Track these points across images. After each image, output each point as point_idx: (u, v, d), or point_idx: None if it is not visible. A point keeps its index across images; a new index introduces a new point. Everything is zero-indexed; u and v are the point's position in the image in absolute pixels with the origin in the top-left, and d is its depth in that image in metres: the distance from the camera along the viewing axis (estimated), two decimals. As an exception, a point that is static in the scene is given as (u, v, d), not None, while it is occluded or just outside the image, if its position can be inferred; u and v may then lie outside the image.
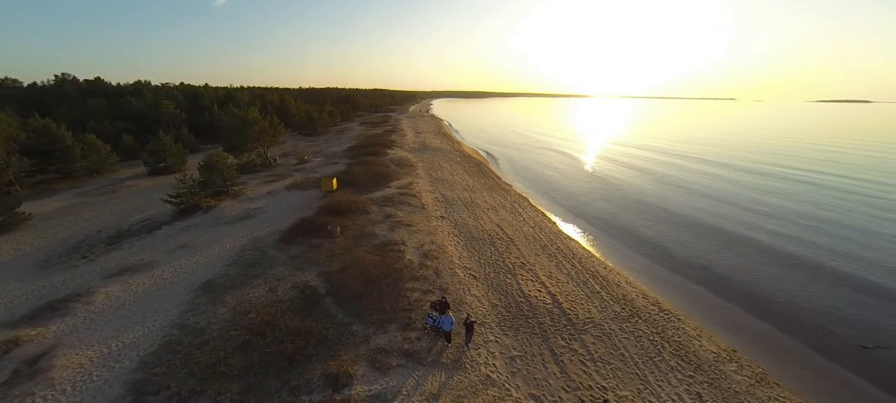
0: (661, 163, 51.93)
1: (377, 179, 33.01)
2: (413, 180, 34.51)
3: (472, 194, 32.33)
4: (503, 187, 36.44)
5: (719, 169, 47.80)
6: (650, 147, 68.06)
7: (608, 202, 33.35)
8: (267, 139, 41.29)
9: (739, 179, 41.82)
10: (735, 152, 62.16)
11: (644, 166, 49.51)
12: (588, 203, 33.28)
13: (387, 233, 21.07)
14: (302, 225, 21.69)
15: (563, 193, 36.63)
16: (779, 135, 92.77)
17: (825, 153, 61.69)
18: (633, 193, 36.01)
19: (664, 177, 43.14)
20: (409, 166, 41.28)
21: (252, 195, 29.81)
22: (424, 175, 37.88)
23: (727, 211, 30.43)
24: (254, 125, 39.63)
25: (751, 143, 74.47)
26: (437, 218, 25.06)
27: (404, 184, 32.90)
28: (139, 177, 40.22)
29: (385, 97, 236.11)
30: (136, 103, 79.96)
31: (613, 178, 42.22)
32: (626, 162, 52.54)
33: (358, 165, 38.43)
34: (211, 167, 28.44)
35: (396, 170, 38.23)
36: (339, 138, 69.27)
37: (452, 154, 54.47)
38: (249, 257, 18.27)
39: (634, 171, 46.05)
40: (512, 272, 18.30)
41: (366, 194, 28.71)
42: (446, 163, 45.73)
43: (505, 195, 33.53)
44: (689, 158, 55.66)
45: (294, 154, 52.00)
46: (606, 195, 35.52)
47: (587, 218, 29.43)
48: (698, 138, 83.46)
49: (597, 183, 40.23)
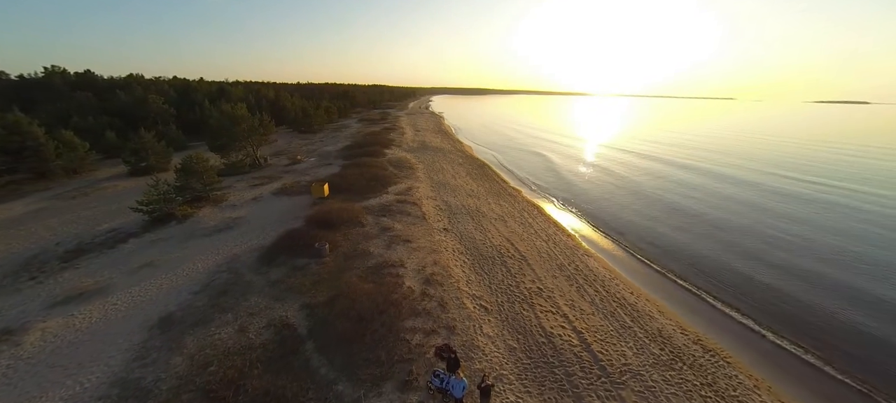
0: (672, 164, 49.42)
1: (374, 184, 30.35)
2: (412, 185, 31.86)
3: (477, 201, 29.72)
4: (510, 193, 33.85)
5: (752, 174, 45.32)
6: (659, 147, 65.53)
7: (621, 208, 30.80)
8: (256, 138, 38.52)
9: (775, 186, 39.35)
10: (761, 154, 59.80)
11: (654, 168, 46.98)
12: (600, 209, 30.72)
13: (383, 252, 18.45)
14: (286, 241, 19.05)
15: (575, 198, 34.07)
16: (795, 140, 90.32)
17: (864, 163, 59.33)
18: (647, 199, 33.45)
19: (677, 180, 40.62)
20: (408, 168, 38.61)
21: (235, 201, 27.08)
22: (425, 178, 35.23)
23: (759, 222, 27.90)
24: (242, 123, 36.84)
25: (770, 145, 72.12)
26: (439, 230, 22.44)
27: (403, 189, 30.25)
28: (119, 178, 37.46)
29: (384, 93, 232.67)
30: (124, 97, 76.72)
31: (625, 182, 39.67)
32: (635, 164, 49.99)
33: (353, 167, 35.73)
34: (189, 170, 25.72)
35: (395, 173, 35.56)
36: (335, 136, 66.47)
37: (454, 154, 51.82)
38: (222, 282, 15.63)
39: (646, 175, 43.50)
40: (528, 301, 15.72)
41: (361, 201, 26.05)
42: (448, 165, 43.08)
43: (512, 202, 30.95)
44: (707, 160, 53.17)
45: (287, 153, 49.24)
46: (619, 201, 32.96)
47: (600, 227, 26.89)
48: (714, 139, 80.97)
49: (609, 187, 37.66)
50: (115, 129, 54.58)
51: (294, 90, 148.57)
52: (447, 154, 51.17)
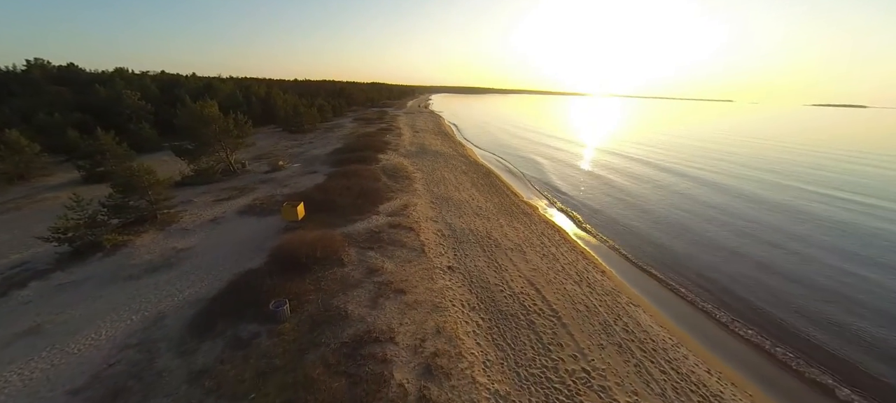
0: (688, 177, 44.47)
1: (362, 200, 25.21)
2: (409, 200, 26.75)
3: (487, 223, 24.66)
4: (523, 210, 28.80)
5: (775, 190, 40.45)
6: (667, 154, 60.57)
7: (648, 229, 25.82)
8: (229, 141, 33.27)
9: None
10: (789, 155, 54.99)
11: (669, 181, 41.99)
12: (623, 228, 25.74)
13: (366, 312, 13.33)
14: (235, 292, 13.94)
15: (592, 214, 29.11)
16: (820, 149, 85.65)
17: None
18: (670, 219, 28.42)
19: (694, 196, 35.66)
20: (404, 178, 33.49)
21: (189, 223, 21.85)
22: (424, 192, 30.12)
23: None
24: (212, 124, 31.59)
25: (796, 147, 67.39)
26: (443, 270, 17.36)
27: (398, 207, 25.13)
28: (71, 185, 32.22)
29: (382, 91, 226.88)
30: (103, 93, 70.91)
31: (641, 196, 34.61)
32: (648, 175, 44.96)
33: (340, 177, 30.57)
34: (128, 184, 20.52)
35: (388, 185, 30.44)
36: (326, 137, 61.20)
37: (456, 159, 46.74)
38: (121, 371, 10.48)
39: (661, 188, 38.35)
40: (574, 400, 10.71)
41: (344, 226, 20.91)
42: (450, 174, 37.99)
43: (528, 222, 25.92)
44: (718, 170, 48.28)
45: (270, 156, 44.00)
46: (640, 219, 27.95)
47: (629, 253, 21.96)
48: (718, 144, 76.14)
49: (625, 201, 32.62)
50: (86, 127, 49.56)
51: (289, 87, 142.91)
52: (448, 159, 46.08)
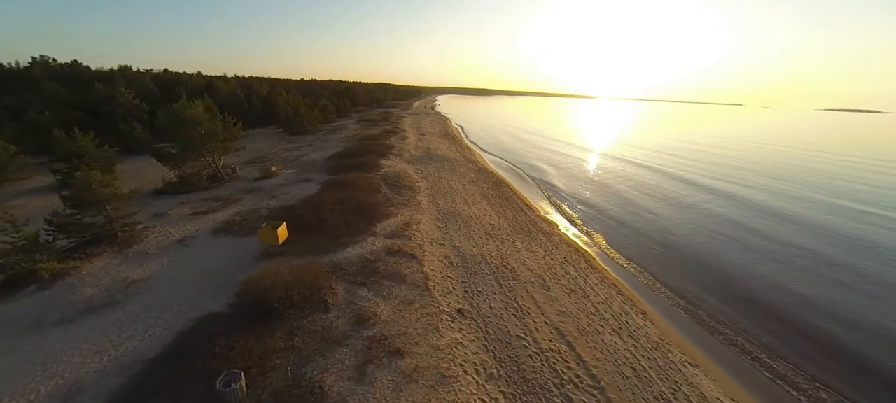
0: (710, 189, 40.59)
1: (358, 218, 21.87)
2: (412, 217, 23.38)
3: (502, 245, 21.21)
4: (541, 228, 25.29)
5: (808, 207, 36.51)
6: (687, 163, 56.56)
7: (683, 250, 22.20)
8: (216, 145, 30.17)
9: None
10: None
11: (691, 195, 38.15)
12: (657, 253, 22.13)
13: (349, 391, 9.91)
14: (178, 357, 10.65)
15: (620, 233, 25.57)
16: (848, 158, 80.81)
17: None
18: (708, 240, 24.79)
19: (718, 213, 31.88)
20: (407, 188, 30.15)
21: (152, 244, 18.65)
22: (429, 205, 26.73)
23: None
24: (196, 127, 28.52)
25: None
26: (451, 315, 13.95)
27: (399, 225, 21.77)
28: (46, 191, 29.53)
29: (389, 92, 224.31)
30: (102, 91, 68.45)
31: (675, 214, 30.98)
32: (668, 189, 41.11)
33: (336, 188, 27.30)
34: (80, 198, 17.39)
35: (389, 197, 27.10)
36: (327, 139, 58.13)
37: (464, 166, 43.35)
38: None
39: (684, 204, 34.50)
40: None
41: (333, 252, 17.58)
42: (458, 182, 34.59)
43: (547, 244, 22.43)
44: (742, 182, 44.34)
45: (264, 161, 40.97)
46: (676, 240, 24.32)
47: (671, 288, 18.37)
48: (739, 153, 71.84)
49: (655, 216, 28.98)
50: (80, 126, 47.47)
51: (294, 87, 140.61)
52: (456, 165, 42.70)
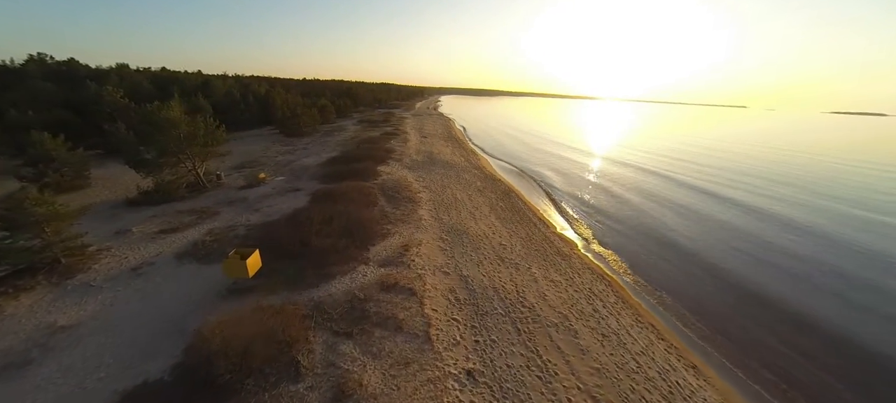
0: (734, 202, 37.36)
1: (348, 238, 18.80)
2: (412, 237, 20.30)
3: (516, 273, 18.11)
4: (558, 248, 22.12)
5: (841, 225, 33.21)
6: (702, 171, 53.27)
7: (718, 280, 19.03)
8: (195, 150, 27.17)
9: None
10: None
11: (714, 209, 34.97)
12: (689, 283, 18.97)
13: None
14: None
15: (643, 247, 22.45)
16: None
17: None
18: (742, 266, 21.57)
19: (741, 228, 28.67)
20: (407, 200, 27.08)
21: (100, 274, 15.59)
22: (431, 222, 23.62)
23: None
24: (172, 130, 25.54)
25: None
26: (459, 379, 10.86)
27: (396, 249, 18.69)
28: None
29: (391, 92, 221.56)
30: (93, 89, 65.60)
31: (699, 233, 27.76)
32: (699, 198, 37.90)
33: (326, 200, 24.25)
34: (10, 219, 14.40)
35: (387, 211, 24.03)
36: (324, 142, 55.16)
37: (469, 172, 40.26)
38: None
39: (720, 222, 31.43)
40: None
41: (315, 287, 14.51)
42: (463, 193, 31.50)
43: (567, 270, 19.30)
44: (767, 193, 41.05)
45: (254, 166, 38.02)
46: (708, 266, 21.13)
47: (719, 335, 15.14)
48: (753, 159, 68.43)
49: (677, 233, 25.74)
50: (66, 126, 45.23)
51: (295, 86, 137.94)
52: (460, 172, 39.61)
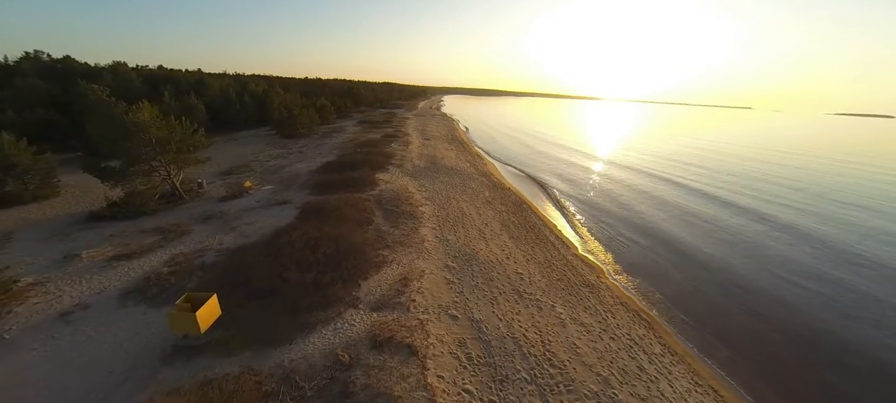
0: (763, 217, 33.99)
1: (335, 270, 15.59)
2: (412, 266, 17.10)
3: (538, 314, 14.89)
4: (584, 277, 18.84)
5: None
6: (735, 177, 49.82)
7: (775, 323, 15.75)
8: (168, 157, 24.06)
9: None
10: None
11: (758, 229, 31.62)
12: (754, 318, 15.69)
13: None
14: None
15: (676, 270, 19.19)
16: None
17: None
18: (800, 303, 18.24)
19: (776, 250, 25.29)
20: (408, 216, 23.87)
21: (17, 321, 12.40)
22: (435, 245, 20.38)
23: None
24: (140, 134, 22.44)
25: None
26: None
27: (392, 283, 15.49)
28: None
29: (393, 91, 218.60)
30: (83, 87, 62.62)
31: (736, 258, 24.42)
32: (727, 213, 34.51)
33: (314, 217, 21.10)
34: None
35: (383, 231, 20.83)
36: (321, 144, 52.06)
37: (476, 180, 37.03)
38: None
39: (755, 243, 28.05)
40: None
41: (287, 344, 11.28)
42: (470, 205, 28.27)
43: (597, 306, 16.08)
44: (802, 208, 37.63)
45: (243, 171, 34.96)
46: (757, 302, 17.85)
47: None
48: (772, 165, 64.82)
49: (709, 256, 22.45)
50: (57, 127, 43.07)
51: (296, 85, 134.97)
52: (466, 180, 36.40)
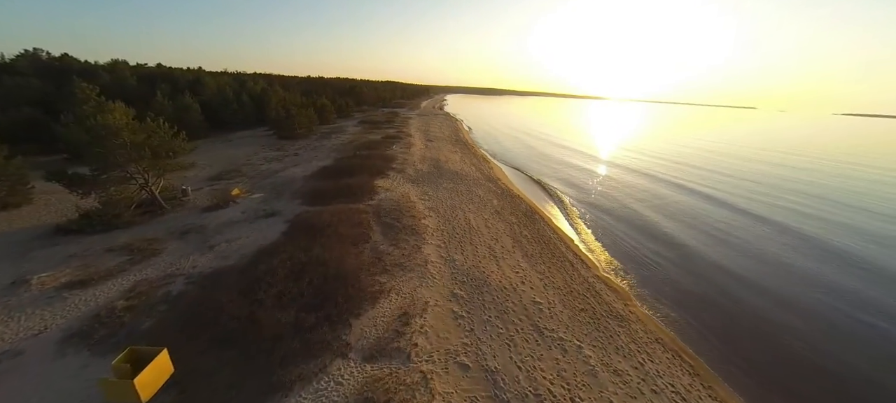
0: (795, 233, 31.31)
1: (321, 306, 13.12)
2: (414, 296, 14.63)
3: (563, 358, 12.38)
4: (610, 306, 16.31)
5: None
6: (762, 187, 47.08)
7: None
8: (143, 164, 21.67)
9: None
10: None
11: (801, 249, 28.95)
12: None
13: None
14: None
15: (720, 288, 16.62)
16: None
17: None
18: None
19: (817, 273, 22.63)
20: (409, 230, 21.39)
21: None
22: (440, 266, 17.90)
23: None
24: (112, 139, 20.08)
25: None
26: None
27: (389, 320, 13.03)
28: None
29: (396, 90, 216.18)
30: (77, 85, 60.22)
31: (788, 287, 21.81)
32: (763, 228, 31.89)
33: (303, 234, 18.68)
34: None
35: (381, 251, 18.36)
36: (318, 146, 49.69)
37: (482, 186, 34.52)
38: None
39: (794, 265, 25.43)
40: None
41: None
42: (478, 216, 25.77)
43: (631, 345, 13.55)
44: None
45: (233, 176, 32.60)
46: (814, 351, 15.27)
47: None
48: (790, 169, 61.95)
49: (747, 288, 19.89)
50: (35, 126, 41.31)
51: (297, 84, 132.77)
52: (472, 186, 33.91)
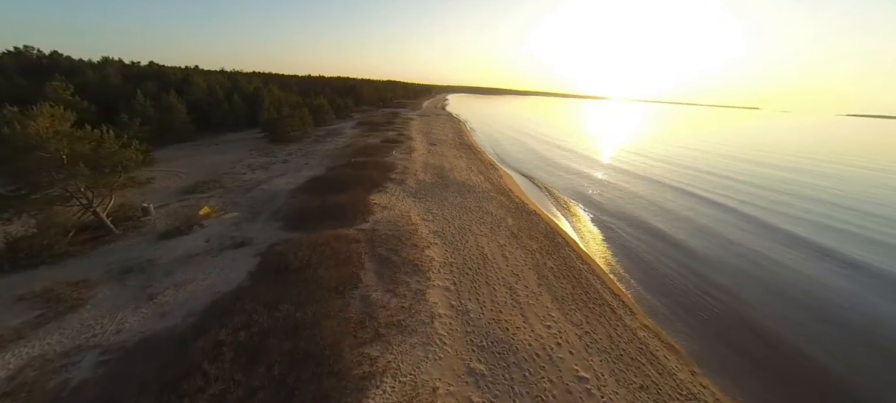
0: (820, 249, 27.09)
1: (295, 394, 9.11)
2: (417, 381, 10.43)
3: None
4: (675, 376, 12.23)
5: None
6: (784, 196, 42.85)
7: None
8: (81, 181, 17.60)
9: None
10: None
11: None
12: None
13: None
14: None
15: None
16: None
17: None
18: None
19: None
20: (410, 266, 17.25)
21: None
22: (451, 324, 13.75)
23: None
24: (36, 151, 16.04)
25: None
26: None
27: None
28: None
29: (397, 90, 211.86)
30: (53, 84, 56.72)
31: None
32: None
33: (275, 281, 14.57)
34: None
35: (373, 301, 14.24)
36: (311, 151, 45.61)
37: (493, 199, 30.37)
38: None
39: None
40: None
41: None
42: (492, 241, 21.60)
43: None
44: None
45: (209, 188, 28.53)
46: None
47: None
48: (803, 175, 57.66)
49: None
50: None
51: (296, 84, 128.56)
52: (482, 200, 29.76)
